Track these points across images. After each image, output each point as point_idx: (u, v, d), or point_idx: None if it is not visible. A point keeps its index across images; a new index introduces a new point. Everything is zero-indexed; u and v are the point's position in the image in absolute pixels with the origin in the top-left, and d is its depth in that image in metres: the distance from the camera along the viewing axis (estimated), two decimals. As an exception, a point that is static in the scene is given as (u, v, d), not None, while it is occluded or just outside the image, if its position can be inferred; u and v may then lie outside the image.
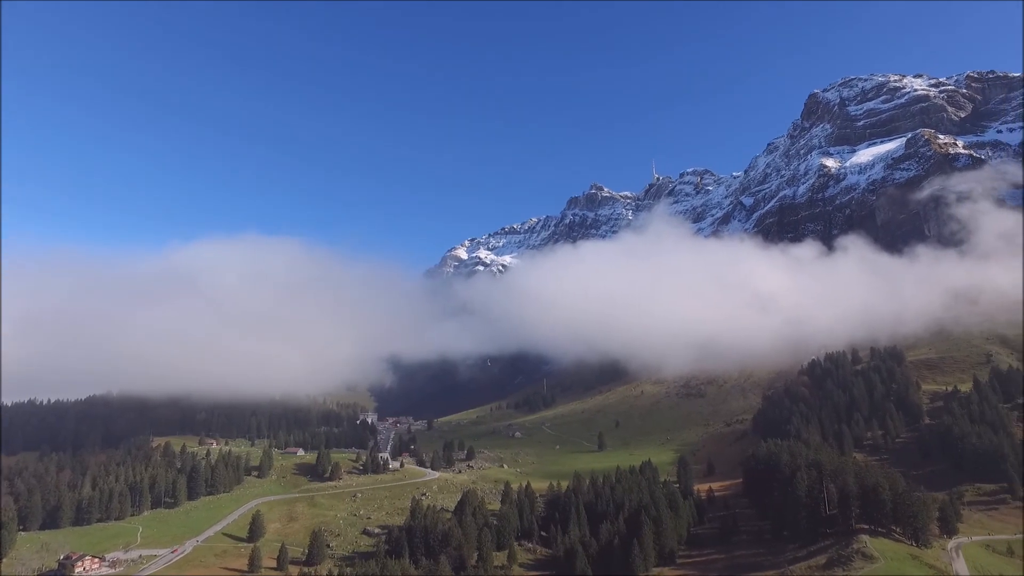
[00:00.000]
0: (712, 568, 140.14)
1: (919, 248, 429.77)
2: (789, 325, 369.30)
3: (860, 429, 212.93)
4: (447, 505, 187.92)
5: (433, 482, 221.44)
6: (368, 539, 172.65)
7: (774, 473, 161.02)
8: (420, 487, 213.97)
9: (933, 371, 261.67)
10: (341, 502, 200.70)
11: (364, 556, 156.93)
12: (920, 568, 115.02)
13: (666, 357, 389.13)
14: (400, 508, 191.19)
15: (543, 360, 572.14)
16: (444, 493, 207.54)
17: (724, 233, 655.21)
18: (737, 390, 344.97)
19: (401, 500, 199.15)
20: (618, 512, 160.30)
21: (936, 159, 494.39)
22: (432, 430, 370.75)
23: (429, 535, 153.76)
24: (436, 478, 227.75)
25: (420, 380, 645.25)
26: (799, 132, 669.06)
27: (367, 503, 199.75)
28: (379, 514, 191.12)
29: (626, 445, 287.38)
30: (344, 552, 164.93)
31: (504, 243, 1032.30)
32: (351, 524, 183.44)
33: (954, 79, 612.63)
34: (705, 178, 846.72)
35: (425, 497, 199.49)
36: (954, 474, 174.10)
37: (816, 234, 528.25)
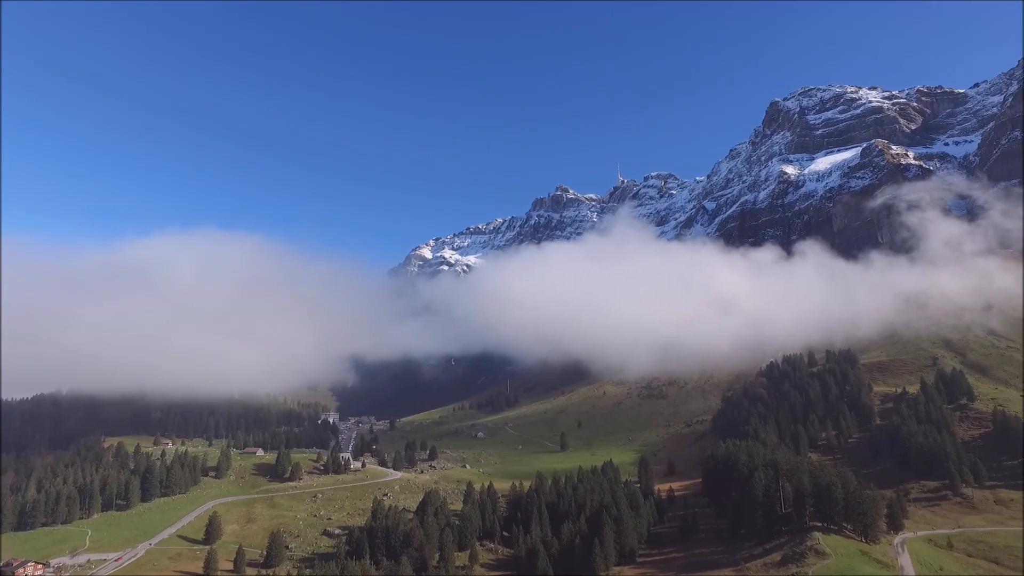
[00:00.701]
0: (671, 566, 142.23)
1: (873, 254, 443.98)
2: (749, 328, 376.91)
3: (815, 429, 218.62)
4: (409, 505, 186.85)
5: (395, 482, 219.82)
6: (328, 540, 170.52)
7: (732, 473, 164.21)
8: (382, 487, 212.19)
9: (884, 373, 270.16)
10: (301, 503, 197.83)
11: (324, 557, 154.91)
12: (868, 563, 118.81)
13: (629, 358, 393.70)
14: (361, 509, 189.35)
15: (507, 360, 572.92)
16: (406, 493, 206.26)
17: (687, 237, 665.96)
18: (698, 391, 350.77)
19: (362, 501, 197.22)
20: (580, 512, 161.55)
21: (889, 169, 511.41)
22: (395, 430, 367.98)
23: (390, 536, 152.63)
24: (398, 478, 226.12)
25: (383, 380, 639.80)
26: (760, 139, 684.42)
27: (328, 504, 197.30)
28: (340, 515, 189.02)
29: (588, 445, 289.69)
30: (304, 553, 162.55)
31: (469, 243, 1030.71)
32: (311, 525, 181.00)
33: (905, 93, 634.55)
34: (669, 182, 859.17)
35: (387, 497, 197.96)
36: (901, 472, 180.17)
37: (776, 239, 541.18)
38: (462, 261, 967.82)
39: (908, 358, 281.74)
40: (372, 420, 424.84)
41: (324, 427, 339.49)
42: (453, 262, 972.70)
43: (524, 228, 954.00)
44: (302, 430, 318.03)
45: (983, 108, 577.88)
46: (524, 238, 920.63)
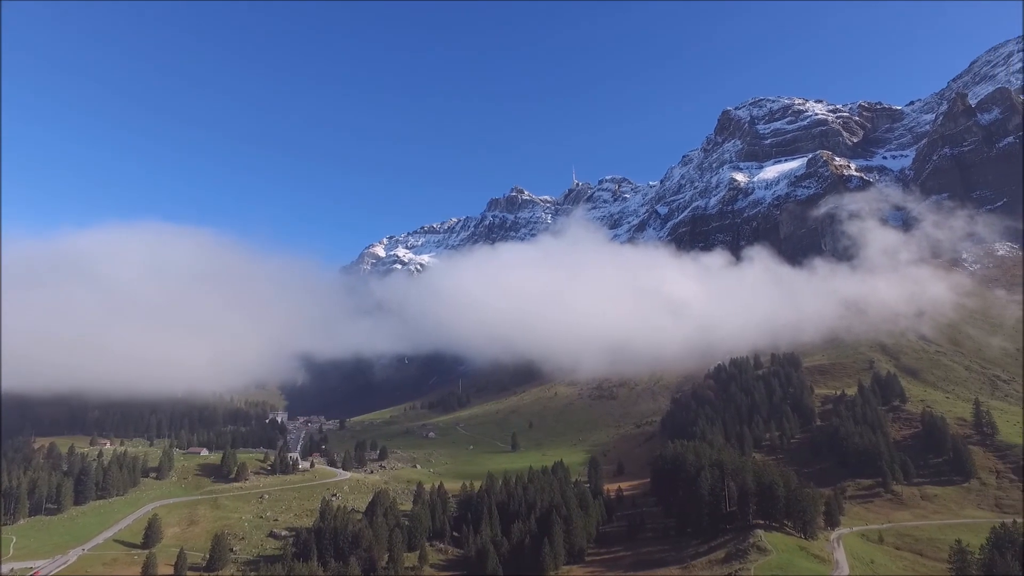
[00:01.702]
0: (619, 565, 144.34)
1: (817, 261, 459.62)
2: (699, 331, 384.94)
3: (760, 430, 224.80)
4: (358, 506, 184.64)
5: (344, 483, 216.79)
6: (275, 542, 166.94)
7: (680, 473, 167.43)
8: (331, 488, 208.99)
9: (825, 376, 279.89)
10: (247, 504, 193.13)
11: (270, 559, 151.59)
12: (806, 558, 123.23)
13: (580, 359, 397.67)
14: (309, 509, 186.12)
15: (459, 360, 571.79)
16: (355, 494, 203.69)
17: (639, 240, 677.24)
18: (647, 393, 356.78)
19: (310, 501, 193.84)
20: (530, 512, 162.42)
21: (832, 179, 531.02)
22: (344, 430, 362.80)
23: (339, 536, 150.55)
24: (347, 479, 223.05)
25: (333, 379, 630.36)
26: (712, 146, 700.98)
27: (275, 505, 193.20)
28: (287, 516, 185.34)
29: (539, 446, 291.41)
30: (249, 556, 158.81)
31: (423, 242, 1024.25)
32: (257, 527, 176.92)
33: (848, 107, 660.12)
34: (623, 186, 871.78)
35: (335, 498, 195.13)
36: (839, 471, 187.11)
37: (725, 244, 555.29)
38: (416, 260, 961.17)
39: (847, 361, 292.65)
40: (322, 420, 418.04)
41: (272, 427, 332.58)
42: (407, 261, 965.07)
43: (479, 228, 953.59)
44: (249, 429, 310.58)
45: (917, 125, 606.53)
46: (479, 238, 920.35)
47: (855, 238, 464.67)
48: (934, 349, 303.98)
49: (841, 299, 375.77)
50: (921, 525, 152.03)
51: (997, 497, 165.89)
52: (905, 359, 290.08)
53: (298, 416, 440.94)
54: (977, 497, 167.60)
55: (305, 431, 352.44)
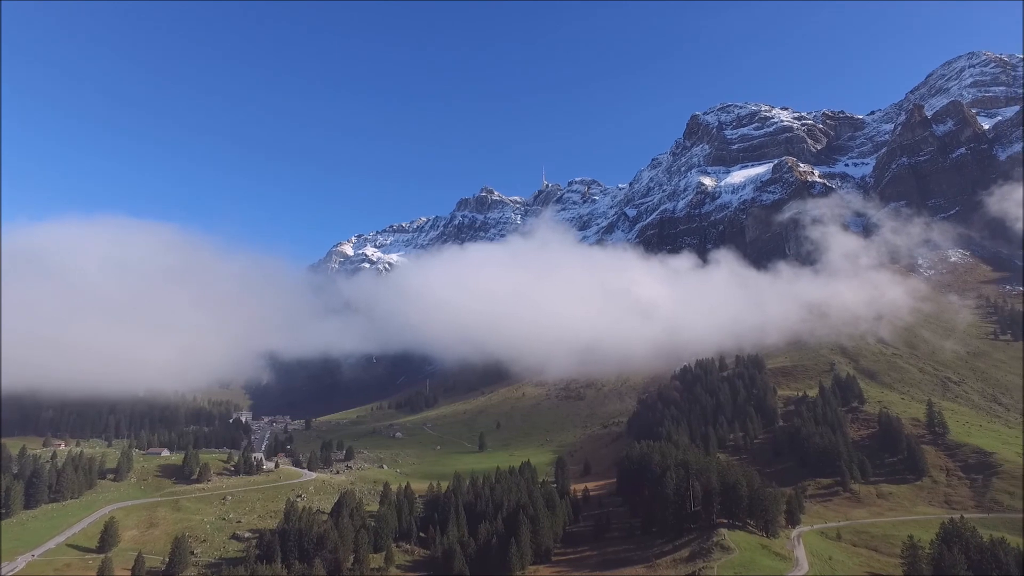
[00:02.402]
0: (585, 564, 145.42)
1: (781, 264, 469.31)
2: (666, 332, 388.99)
3: (724, 431, 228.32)
4: (324, 507, 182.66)
5: (309, 483, 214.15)
6: (238, 544, 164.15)
7: (645, 472, 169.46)
8: (296, 488, 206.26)
9: (788, 378, 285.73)
10: (209, 505, 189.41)
11: (232, 562, 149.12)
12: (768, 556, 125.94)
13: (549, 360, 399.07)
14: (273, 511, 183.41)
15: (427, 360, 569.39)
16: (321, 494, 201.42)
17: (608, 242, 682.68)
18: (615, 393, 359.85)
19: (275, 502, 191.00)
20: (497, 512, 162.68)
21: (797, 185, 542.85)
22: (310, 430, 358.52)
23: (303, 538, 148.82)
24: (313, 479, 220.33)
25: (300, 378, 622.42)
26: (681, 150, 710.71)
27: (238, 506, 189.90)
28: (250, 517, 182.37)
29: (507, 446, 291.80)
30: (210, 559, 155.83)
31: (392, 241, 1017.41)
32: (219, 529, 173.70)
33: (813, 115, 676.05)
34: (592, 188, 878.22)
35: (301, 499, 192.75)
36: (800, 470, 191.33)
37: (692, 247, 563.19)
38: (384, 259, 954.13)
39: (809, 363, 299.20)
40: (287, 420, 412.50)
41: (236, 426, 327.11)
42: (375, 260, 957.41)
43: (448, 228, 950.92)
44: (212, 429, 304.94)
45: (877, 134, 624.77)
46: (448, 238, 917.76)
47: (818, 243, 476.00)
48: (891, 352, 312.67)
49: (804, 302, 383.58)
50: (877, 522, 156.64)
51: (947, 494, 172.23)
52: (864, 361, 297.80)
53: (263, 416, 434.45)
54: (928, 494, 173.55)
55: (270, 431, 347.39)
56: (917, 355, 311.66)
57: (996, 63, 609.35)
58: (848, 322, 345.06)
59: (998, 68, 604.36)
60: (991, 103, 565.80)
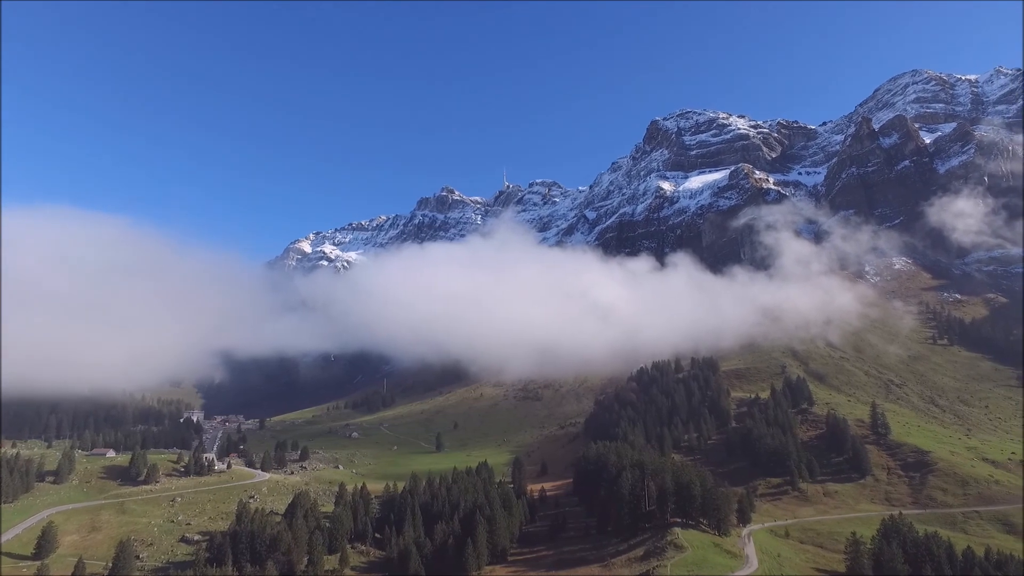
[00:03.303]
0: (541, 564, 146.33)
1: (736, 269, 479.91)
2: (623, 334, 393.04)
3: (679, 432, 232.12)
4: (277, 508, 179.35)
5: (263, 484, 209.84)
6: (186, 547, 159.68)
7: (602, 473, 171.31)
8: (248, 489, 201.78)
9: (741, 380, 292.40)
10: (157, 508, 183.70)
11: (180, 566, 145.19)
12: (720, 554, 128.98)
13: (507, 361, 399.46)
14: (225, 512, 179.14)
15: (385, 360, 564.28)
16: (275, 495, 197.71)
17: (568, 244, 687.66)
18: (572, 394, 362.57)
19: (227, 504, 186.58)
20: (453, 512, 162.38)
21: (752, 191, 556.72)
22: (264, 429, 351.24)
23: (256, 540, 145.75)
24: (266, 480, 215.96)
25: (254, 377, 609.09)
26: (641, 155, 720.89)
27: (187, 508, 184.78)
28: (201, 519, 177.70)
29: (464, 446, 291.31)
30: (157, 563, 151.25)
31: (351, 239, 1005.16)
32: (167, 531, 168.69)
33: (768, 124, 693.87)
34: (553, 190, 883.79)
35: (253, 500, 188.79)
36: (752, 470, 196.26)
37: (650, 250, 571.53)
38: (343, 257, 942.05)
39: (762, 366, 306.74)
40: (240, 419, 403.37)
41: (187, 426, 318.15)
42: (333, 257, 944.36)
43: (408, 227, 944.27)
44: (162, 429, 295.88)
45: (829, 144, 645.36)
46: (408, 237, 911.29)
47: (771, 248, 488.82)
48: (839, 355, 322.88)
49: (758, 306, 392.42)
50: (823, 520, 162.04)
51: (887, 492, 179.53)
52: (814, 364, 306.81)
53: (215, 416, 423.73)
54: (871, 492, 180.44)
55: (223, 431, 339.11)
56: (863, 359, 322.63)
57: (936, 81, 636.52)
58: (800, 326, 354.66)
59: (938, 86, 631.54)
60: (932, 119, 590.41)
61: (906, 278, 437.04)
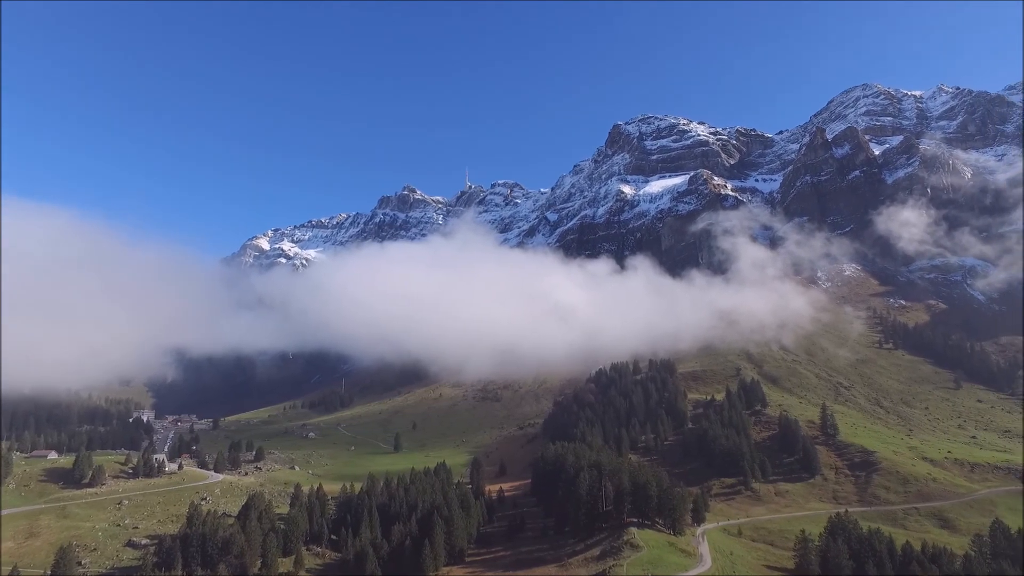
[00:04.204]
0: (498, 564, 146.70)
1: (694, 273, 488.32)
2: (583, 336, 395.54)
3: (636, 433, 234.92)
4: (231, 510, 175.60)
5: (215, 485, 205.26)
6: (133, 552, 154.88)
7: (560, 473, 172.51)
8: (200, 491, 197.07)
9: (697, 382, 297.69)
10: (102, 511, 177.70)
11: (126, 571, 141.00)
12: (674, 553, 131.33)
13: (467, 361, 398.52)
14: (175, 515, 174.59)
15: (343, 359, 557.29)
16: (228, 497, 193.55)
17: (529, 245, 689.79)
18: (531, 395, 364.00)
19: (177, 506, 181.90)
20: (411, 513, 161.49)
21: (710, 197, 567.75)
22: (218, 430, 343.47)
23: (207, 543, 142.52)
24: (219, 481, 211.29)
25: (209, 376, 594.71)
26: (602, 158, 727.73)
27: (135, 511, 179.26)
28: (149, 522, 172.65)
29: (422, 447, 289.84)
30: (101, 569, 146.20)
31: (310, 236, 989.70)
32: (113, 536, 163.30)
33: (727, 131, 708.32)
34: (515, 191, 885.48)
35: (206, 502, 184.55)
36: (707, 470, 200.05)
37: (611, 253, 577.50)
38: (301, 255, 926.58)
39: (718, 368, 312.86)
40: (193, 419, 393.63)
41: (136, 426, 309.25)
42: (292, 255, 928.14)
43: (368, 225, 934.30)
44: (110, 429, 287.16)
45: (785, 153, 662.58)
46: (368, 235, 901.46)
47: (728, 253, 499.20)
48: (791, 358, 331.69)
49: (715, 310, 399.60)
50: (774, 519, 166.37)
51: (835, 491, 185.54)
52: (767, 367, 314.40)
53: (167, 415, 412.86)
54: (820, 491, 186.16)
55: (174, 431, 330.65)
56: (815, 362, 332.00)
57: (885, 95, 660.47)
58: (755, 329, 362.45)
59: (887, 100, 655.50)
60: (881, 131, 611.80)
61: (856, 284, 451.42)
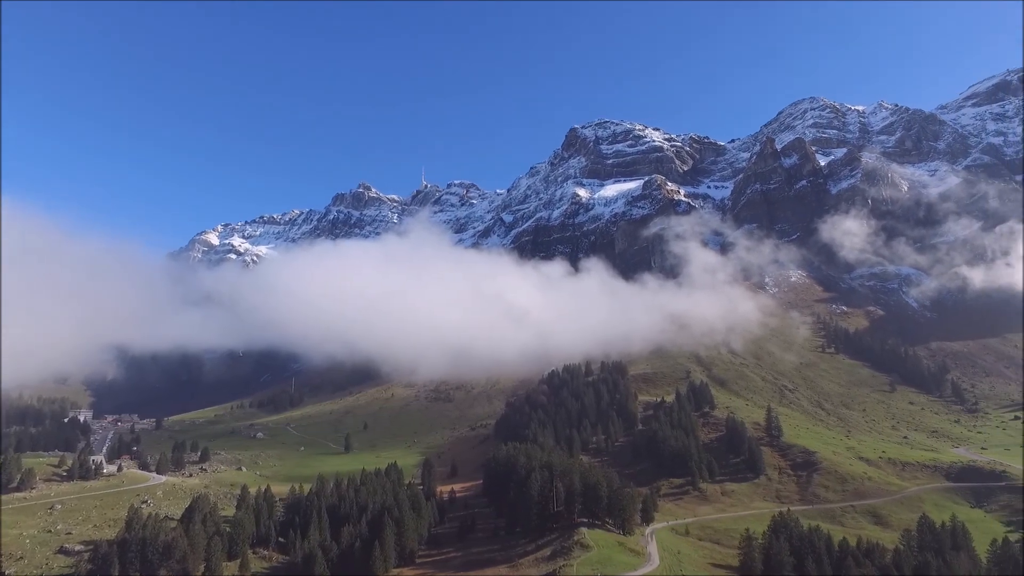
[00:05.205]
0: (449, 565, 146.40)
1: (646, 276, 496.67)
2: (537, 337, 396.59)
3: (587, 434, 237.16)
4: (173, 513, 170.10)
5: (157, 487, 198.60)
6: (65, 559, 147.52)
7: (511, 474, 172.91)
8: (141, 493, 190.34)
9: (648, 384, 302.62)
10: (31, 517, 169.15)
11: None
12: (623, 552, 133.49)
13: (420, 361, 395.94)
14: (113, 519, 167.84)
15: (293, 358, 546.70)
16: (170, 499, 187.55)
17: (484, 246, 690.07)
18: (484, 396, 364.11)
19: (115, 510, 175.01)
20: (361, 514, 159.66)
21: (664, 202, 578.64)
22: (161, 430, 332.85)
23: (147, 547, 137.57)
24: (161, 483, 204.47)
25: (153, 374, 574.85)
26: (559, 161, 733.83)
27: (69, 516, 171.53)
28: (84, 528, 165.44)
29: (374, 447, 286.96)
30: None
31: (261, 232, 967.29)
32: (43, 543, 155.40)
33: (681, 137, 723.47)
34: (471, 191, 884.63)
35: (147, 505, 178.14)
36: (656, 471, 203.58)
37: (565, 255, 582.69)
38: (252, 251, 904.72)
39: (668, 371, 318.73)
40: (135, 419, 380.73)
41: (72, 426, 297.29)
42: (242, 251, 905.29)
43: (322, 223, 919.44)
44: (42, 430, 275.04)
45: (736, 161, 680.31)
46: (321, 233, 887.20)
47: (680, 257, 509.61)
48: (739, 362, 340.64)
49: (667, 313, 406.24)
50: (720, 518, 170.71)
51: (778, 490, 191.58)
52: (716, 370, 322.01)
53: (106, 415, 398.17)
54: (764, 491, 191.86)
55: (114, 431, 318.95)
56: (761, 365, 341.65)
57: (831, 109, 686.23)
58: (705, 333, 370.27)
59: (832, 114, 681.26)
60: (826, 143, 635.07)
61: (801, 290, 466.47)
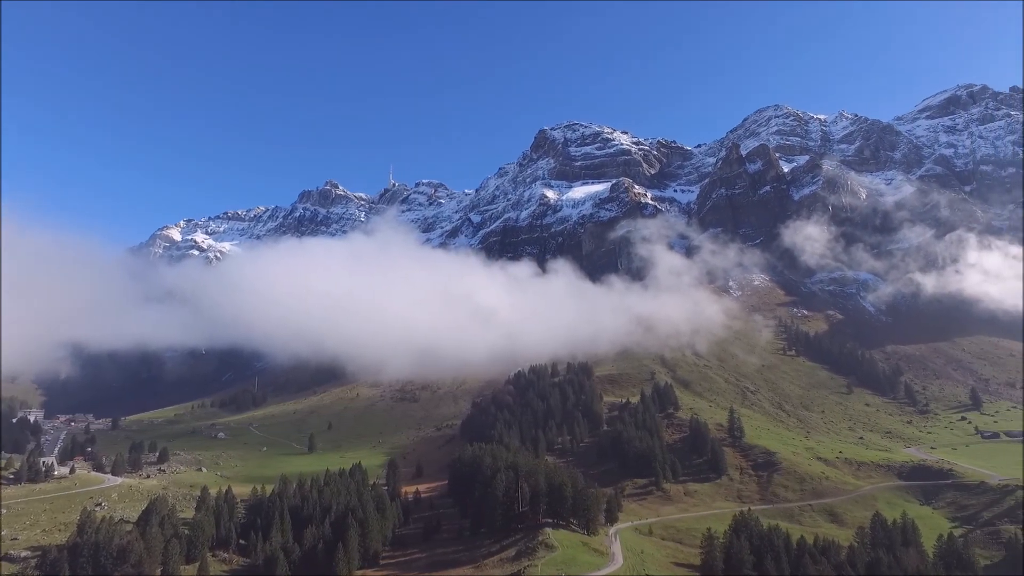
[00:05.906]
0: (413, 566, 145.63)
1: (613, 278, 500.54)
2: (504, 338, 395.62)
3: (553, 434, 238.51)
4: (129, 515, 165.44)
5: (112, 489, 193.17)
6: (10, 566, 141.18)
7: (477, 474, 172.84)
8: (95, 496, 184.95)
9: (613, 385, 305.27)
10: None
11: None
12: (588, 552, 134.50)
13: (386, 361, 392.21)
14: (64, 523, 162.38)
15: (257, 357, 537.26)
16: (126, 502, 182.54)
17: (451, 246, 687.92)
18: (449, 396, 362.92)
19: (67, 513, 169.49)
20: (324, 516, 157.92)
21: (631, 205, 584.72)
22: (118, 430, 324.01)
23: (100, 552, 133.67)
24: (117, 485, 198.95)
25: (110, 373, 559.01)
26: (528, 162, 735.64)
27: (15, 520, 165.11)
28: (32, 532, 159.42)
29: (338, 447, 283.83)
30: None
31: (225, 229, 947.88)
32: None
33: (649, 141, 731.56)
34: (439, 191, 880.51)
35: (100, 507, 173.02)
36: (621, 472, 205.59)
37: (533, 256, 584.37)
38: (216, 247, 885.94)
39: (633, 372, 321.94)
40: (90, 418, 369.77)
41: (21, 426, 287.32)
42: (205, 247, 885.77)
43: (288, 220, 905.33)
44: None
45: (703, 166, 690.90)
46: (287, 230, 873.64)
47: (646, 260, 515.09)
48: (703, 364, 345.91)
49: (633, 315, 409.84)
50: (683, 517, 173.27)
51: (739, 490, 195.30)
52: (680, 371, 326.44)
53: (59, 415, 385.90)
54: (726, 490, 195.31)
55: (67, 431, 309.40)
56: (725, 367, 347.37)
57: (794, 117, 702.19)
58: (670, 335, 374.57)
59: (795, 122, 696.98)
60: (789, 150, 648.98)
61: (764, 293, 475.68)
